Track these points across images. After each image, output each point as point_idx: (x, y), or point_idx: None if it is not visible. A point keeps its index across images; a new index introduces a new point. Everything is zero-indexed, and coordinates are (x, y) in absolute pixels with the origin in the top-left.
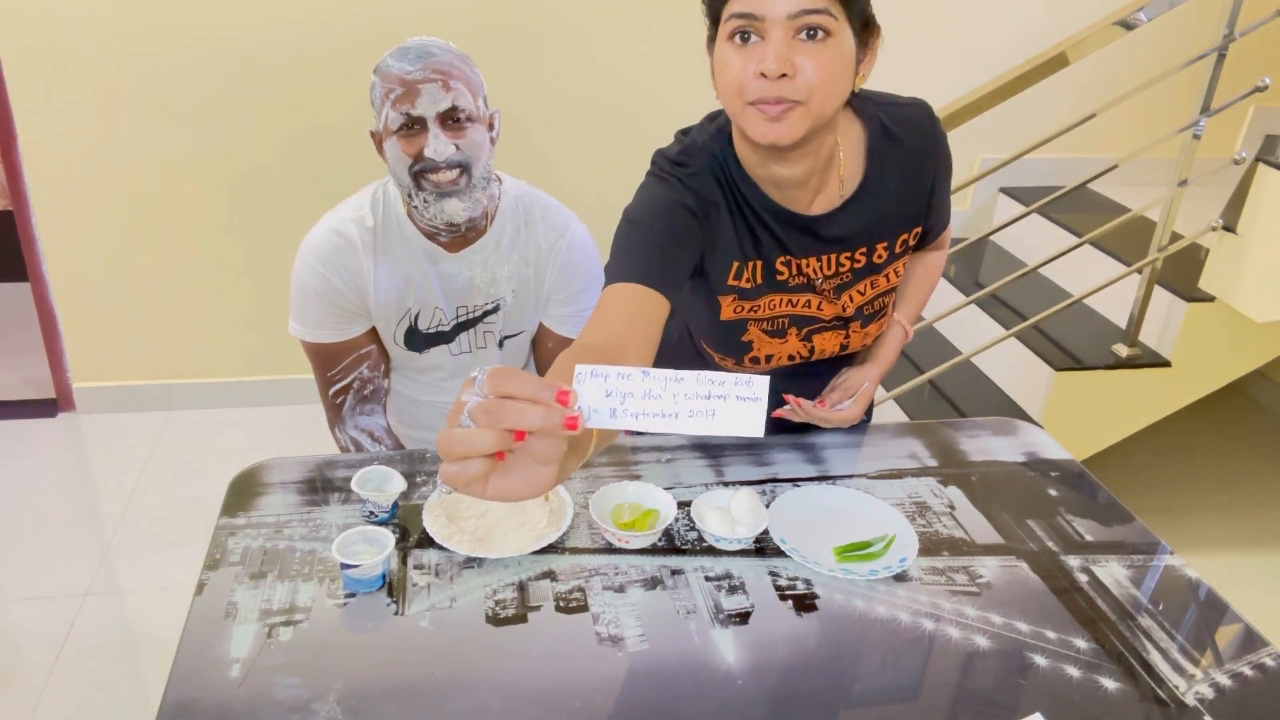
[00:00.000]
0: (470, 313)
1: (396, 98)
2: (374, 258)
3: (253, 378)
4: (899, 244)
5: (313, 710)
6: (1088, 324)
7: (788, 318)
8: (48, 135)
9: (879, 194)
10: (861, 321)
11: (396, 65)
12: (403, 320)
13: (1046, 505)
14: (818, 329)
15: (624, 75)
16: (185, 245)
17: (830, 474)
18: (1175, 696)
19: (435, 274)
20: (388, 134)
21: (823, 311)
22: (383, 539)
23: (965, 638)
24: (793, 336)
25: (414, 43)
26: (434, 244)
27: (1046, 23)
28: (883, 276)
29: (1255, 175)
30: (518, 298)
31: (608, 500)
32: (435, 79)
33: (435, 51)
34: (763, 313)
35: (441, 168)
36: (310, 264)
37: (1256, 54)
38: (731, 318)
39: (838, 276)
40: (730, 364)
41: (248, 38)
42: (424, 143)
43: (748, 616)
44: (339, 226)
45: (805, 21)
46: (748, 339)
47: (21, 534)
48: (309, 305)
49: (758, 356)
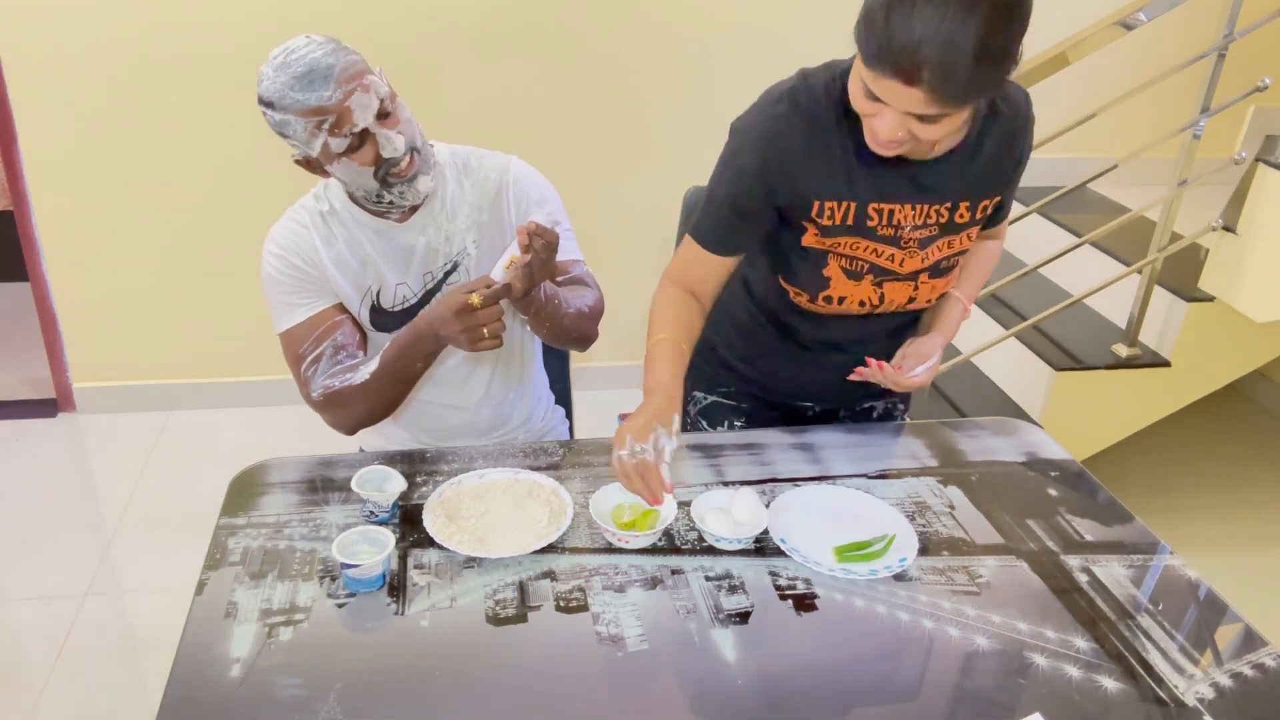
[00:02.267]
0: (434, 278)
1: (331, 125)
2: (325, 240)
3: (253, 378)
4: (980, 209)
5: (313, 710)
6: (1088, 324)
7: (867, 263)
8: (48, 135)
9: (976, 155)
10: (931, 273)
11: (306, 95)
12: (365, 299)
13: (1046, 505)
14: (890, 278)
15: (626, 74)
16: (185, 245)
17: (830, 474)
18: (1175, 696)
19: (388, 250)
20: (332, 158)
21: (903, 266)
22: (383, 539)
23: (965, 637)
24: (868, 281)
25: (301, 64)
26: (383, 220)
27: (1046, 23)
28: (960, 236)
29: (1255, 175)
30: (480, 247)
31: (608, 500)
32: (352, 88)
33: (332, 65)
34: (844, 249)
35: (401, 160)
36: (270, 251)
37: (1256, 54)
38: (813, 245)
39: (926, 229)
40: (804, 300)
41: (248, 39)
42: (377, 148)
43: (748, 616)
44: (292, 215)
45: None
46: (828, 274)
47: (21, 534)
48: (280, 295)
49: (831, 296)
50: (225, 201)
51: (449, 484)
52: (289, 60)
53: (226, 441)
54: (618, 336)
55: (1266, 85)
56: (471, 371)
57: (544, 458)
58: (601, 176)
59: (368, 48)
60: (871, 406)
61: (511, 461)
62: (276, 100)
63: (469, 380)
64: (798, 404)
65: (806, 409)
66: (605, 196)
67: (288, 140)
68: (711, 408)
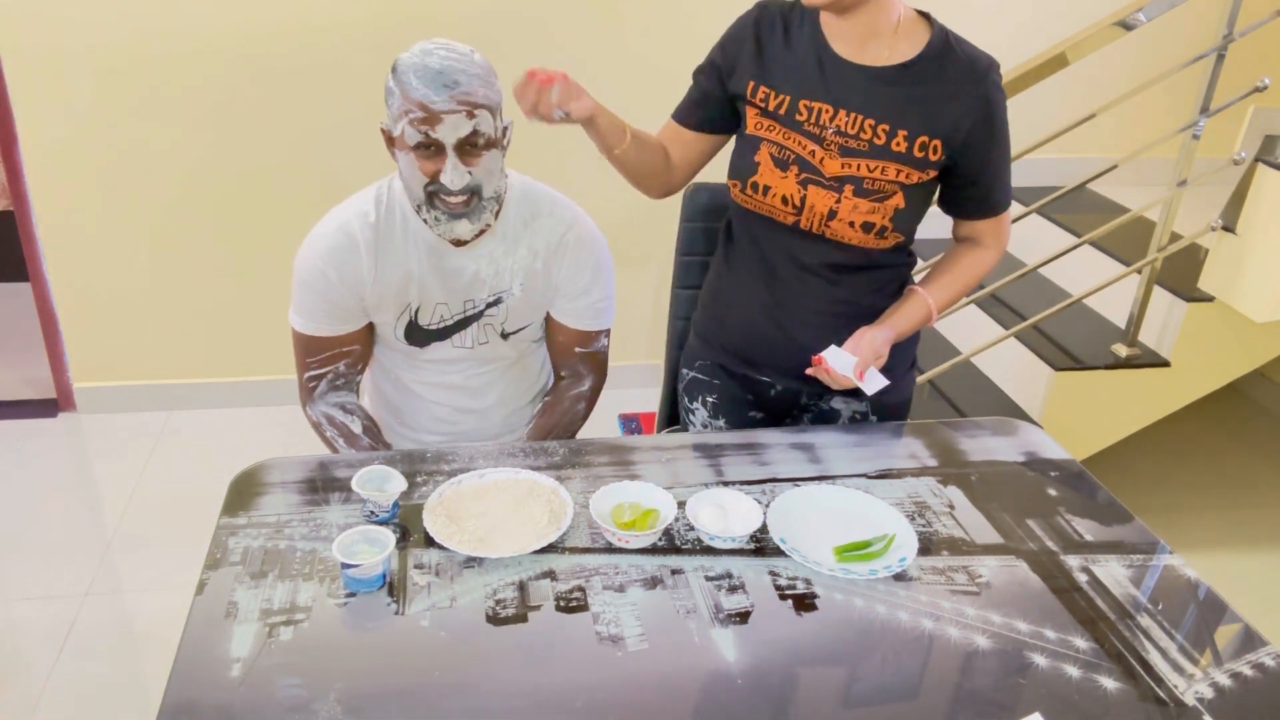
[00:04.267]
0: (475, 306)
1: (416, 120)
2: (375, 255)
3: (253, 378)
4: (917, 144)
5: (313, 710)
6: (1087, 324)
7: (793, 154)
8: (48, 135)
9: (920, 82)
10: (856, 189)
11: (420, 89)
12: (403, 315)
13: (1046, 505)
14: (815, 180)
15: (631, 73)
16: (186, 245)
17: (830, 474)
18: (1175, 696)
19: (438, 269)
20: (403, 146)
21: (824, 166)
22: (383, 539)
23: (965, 637)
24: (792, 175)
25: (440, 62)
26: (440, 240)
27: (1046, 23)
28: (894, 166)
29: (1255, 175)
30: (525, 291)
31: (608, 500)
32: (459, 110)
33: (461, 80)
34: (775, 137)
35: (455, 193)
36: (311, 260)
37: (1256, 54)
38: (751, 132)
39: (856, 140)
40: (736, 189)
41: (248, 39)
42: (441, 166)
43: (747, 616)
44: (343, 224)
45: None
46: (758, 159)
47: (21, 534)
48: (307, 299)
49: (758, 183)
50: (226, 201)
51: (449, 484)
52: (437, 53)
53: (226, 441)
54: (618, 337)
55: (1266, 85)
56: (486, 384)
57: (544, 458)
58: (601, 176)
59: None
60: (835, 410)
61: (512, 461)
62: (400, 71)
63: (483, 391)
64: (759, 378)
65: (768, 385)
66: (606, 196)
67: (386, 110)
68: (691, 383)
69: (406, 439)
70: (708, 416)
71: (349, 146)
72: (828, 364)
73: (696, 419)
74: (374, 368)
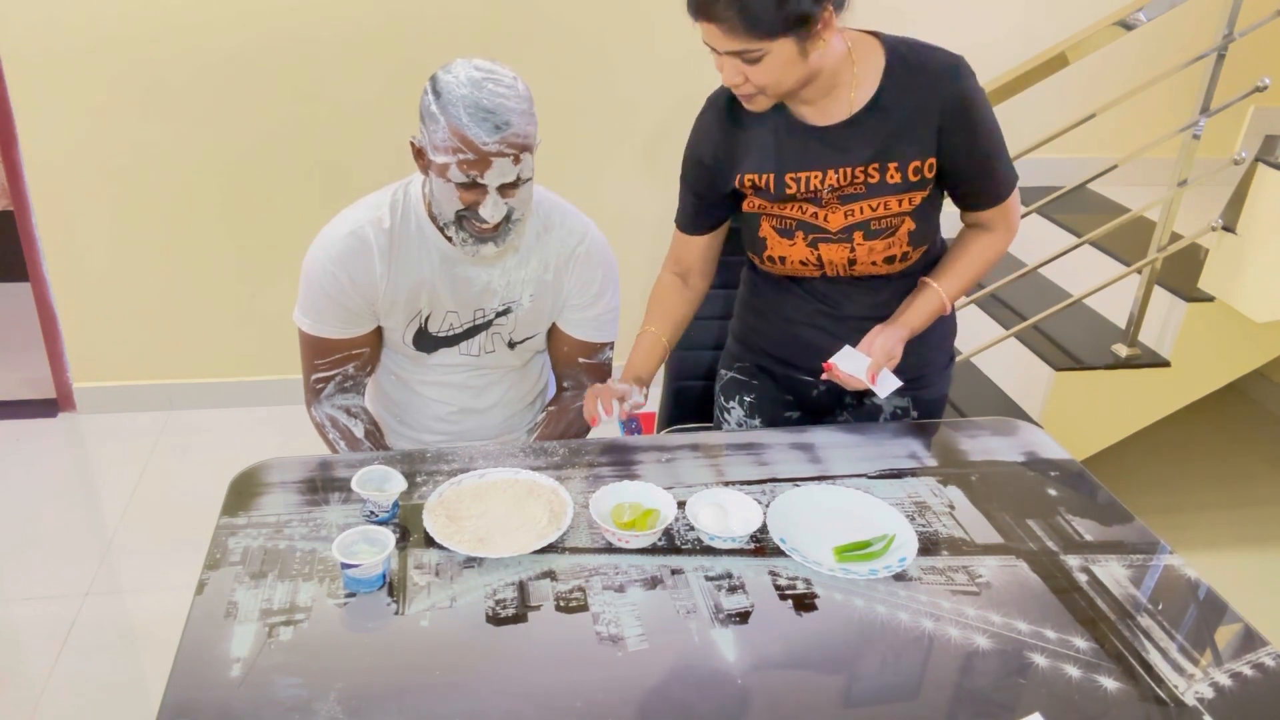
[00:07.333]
0: (485, 315)
1: (464, 161)
2: (388, 261)
3: (253, 378)
4: (911, 169)
5: (313, 710)
6: (1087, 324)
7: (794, 220)
8: (48, 135)
9: (889, 114)
10: (865, 233)
11: (472, 128)
12: (412, 322)
13: (1046, 505)
14: (823, 238)
15: (632, 74)
16: (185, 246)
17: (830, 474)
18: (1175, 696)
19: (451, 277)
20: (441, 172)
21: (828, 223)
22: (383, 539)
23: (965, 637)
24: (800, 240)
25: (492, 100)
26: (453, 249)
27: (1046, 23)
28: (895, 199)
29: (1255, 175)
30: (535, 302)
31: (608, 500)
32: (509, 154)
33: (512, 120)
34: (772, 211)
35: (488, 222)
36: (323, 262)
37: (1256, 54)
38: (750, 210)
39: (852, 186)
40: (757, 261)
41: (248, 40)
42: (480, 199)
43: (747, 616)
44: (356, 228)
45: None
46: (763, 235)
47: (21, 534)
48: (316, 300)
49: (772, 256)
50: (226, 201)
51: (449, 484)
52: (487, 85)
53: (226, 441)
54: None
55: (1266, 85)
56: (488, 385)
57: (544, 458)
58: (602, 177)
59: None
60: (878, 407)
61: (512, 461)
62: (447, 101)
63: (484, 391)
64: (801, 378)
65: (811, 386)
66: (606, 197)
67: (421, 127)
68: (729, 384)
69: (406, 438)
70: (744, 415)
71: (350, 147)
72: (838, 370)
73: (732, 418)
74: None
